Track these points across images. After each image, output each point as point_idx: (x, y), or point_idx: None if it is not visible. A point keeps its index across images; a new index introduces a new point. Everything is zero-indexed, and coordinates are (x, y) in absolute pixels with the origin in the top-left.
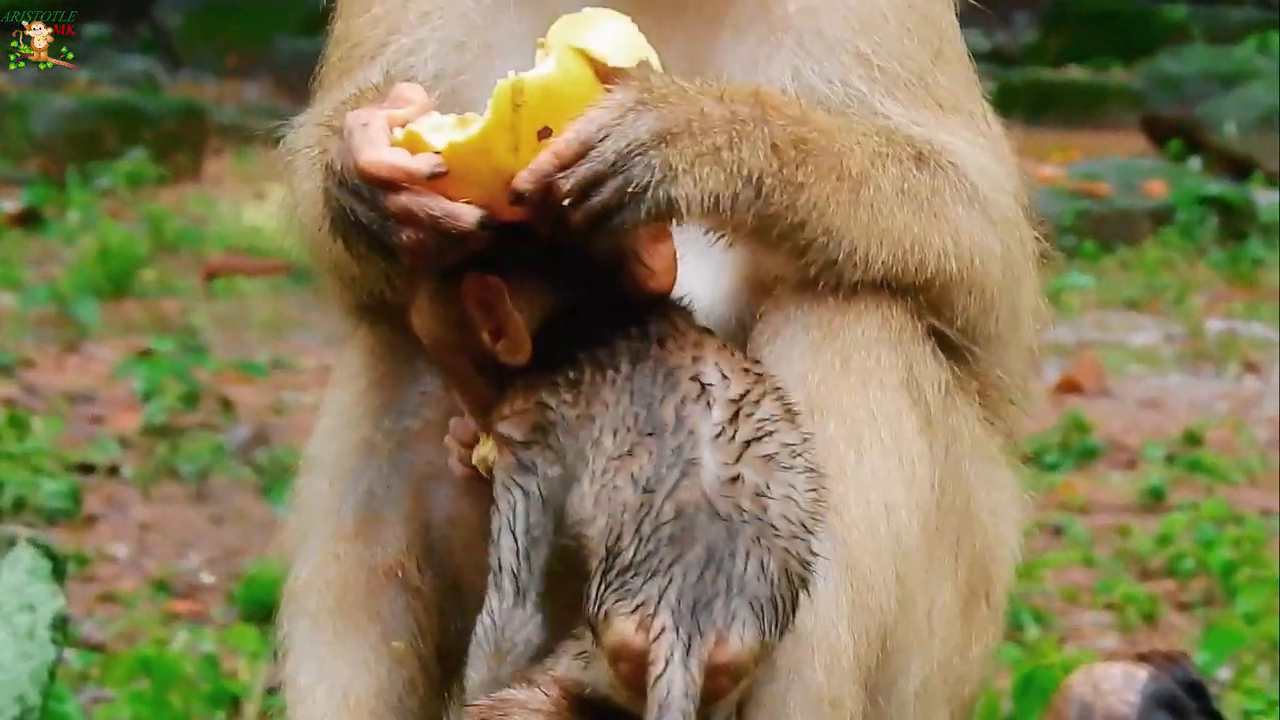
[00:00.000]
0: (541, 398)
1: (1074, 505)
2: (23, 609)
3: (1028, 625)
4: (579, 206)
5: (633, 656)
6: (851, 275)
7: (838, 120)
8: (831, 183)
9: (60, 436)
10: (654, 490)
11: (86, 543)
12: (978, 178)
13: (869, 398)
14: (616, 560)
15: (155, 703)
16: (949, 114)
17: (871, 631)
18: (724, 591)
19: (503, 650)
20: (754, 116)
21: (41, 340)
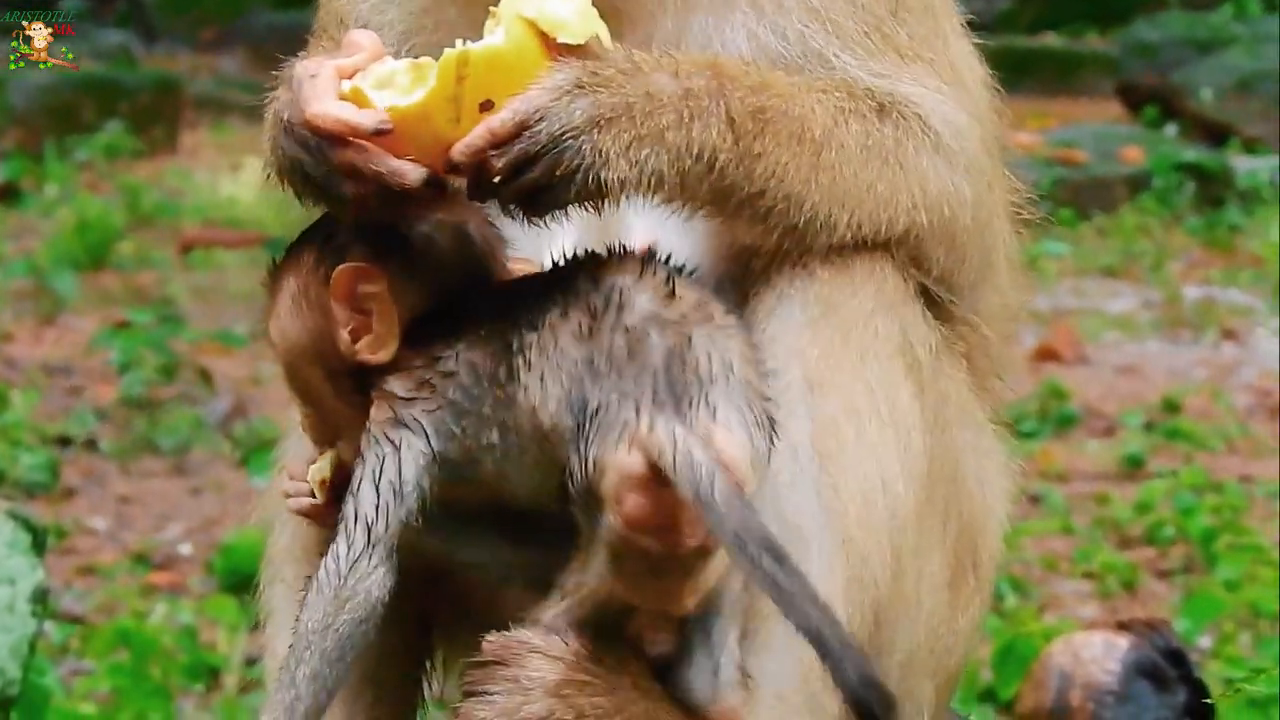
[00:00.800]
0: (434, 353)
1: (1052, 473)
2: (2, 582)
3: (1007, 594)
4: (509, 184)
5: (637, 478)
6: (818, 239)
7: (798, 81)
8: (791, 149)
9: (38, 409)
10: (597, 332)
11: (65, 515)
12: (941, 126)
13: (867, 371)
14: (586, 413)
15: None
16: (910, 63)
17: (865, 604)
18: (696, 383)
19: (341, 598)
20: (710, 90)
21: (19, 313)
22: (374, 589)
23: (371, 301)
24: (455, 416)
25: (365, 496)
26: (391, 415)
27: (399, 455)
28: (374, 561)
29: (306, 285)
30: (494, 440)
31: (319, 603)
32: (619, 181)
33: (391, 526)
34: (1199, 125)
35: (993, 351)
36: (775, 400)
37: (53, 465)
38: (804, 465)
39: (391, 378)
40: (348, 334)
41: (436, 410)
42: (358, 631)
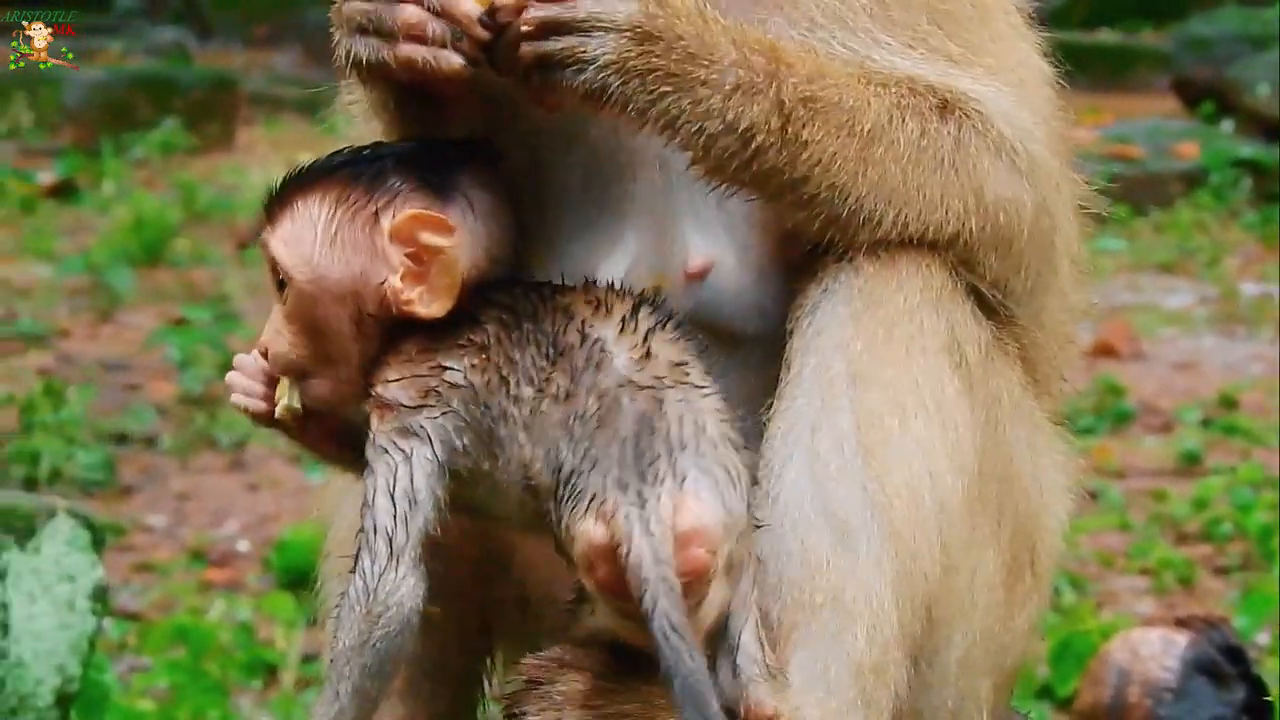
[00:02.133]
0: (440, 362)
1: (1109, 469)
2: (62, 579)
3: (1064, 591)
4: (532, 42)
5: (602, 553)
6: (861, 233)
7: (855, 72)
8: (841, 140)
9: (95, 406)
10: (574, 394)
11: (123, 513)
12: (1005, 127)
13: (912, 365)
14: (561, 476)
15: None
16: (973, 63)
17: (915, 600)
18: (664, 452)
19: (374, 614)
20: (767, 70)
21: (76, 310)
22: (406, 600)
23: (434, 254)
24: (458, 430)
25: (381, 507)
26: (398, 424)
27: (410, 463)
28: (401, 572)
29: (352, 220)
30: (486, 468)
31: (352, 620)
32: (623, 98)
33: (413, 536)
34: (1254, 121)
35: (1055, 353)
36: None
37: (110, 463)
38: (849, 458)
39: (394, 385)
40: (398, 281)
41: (441, 418)
42: (394, 644)
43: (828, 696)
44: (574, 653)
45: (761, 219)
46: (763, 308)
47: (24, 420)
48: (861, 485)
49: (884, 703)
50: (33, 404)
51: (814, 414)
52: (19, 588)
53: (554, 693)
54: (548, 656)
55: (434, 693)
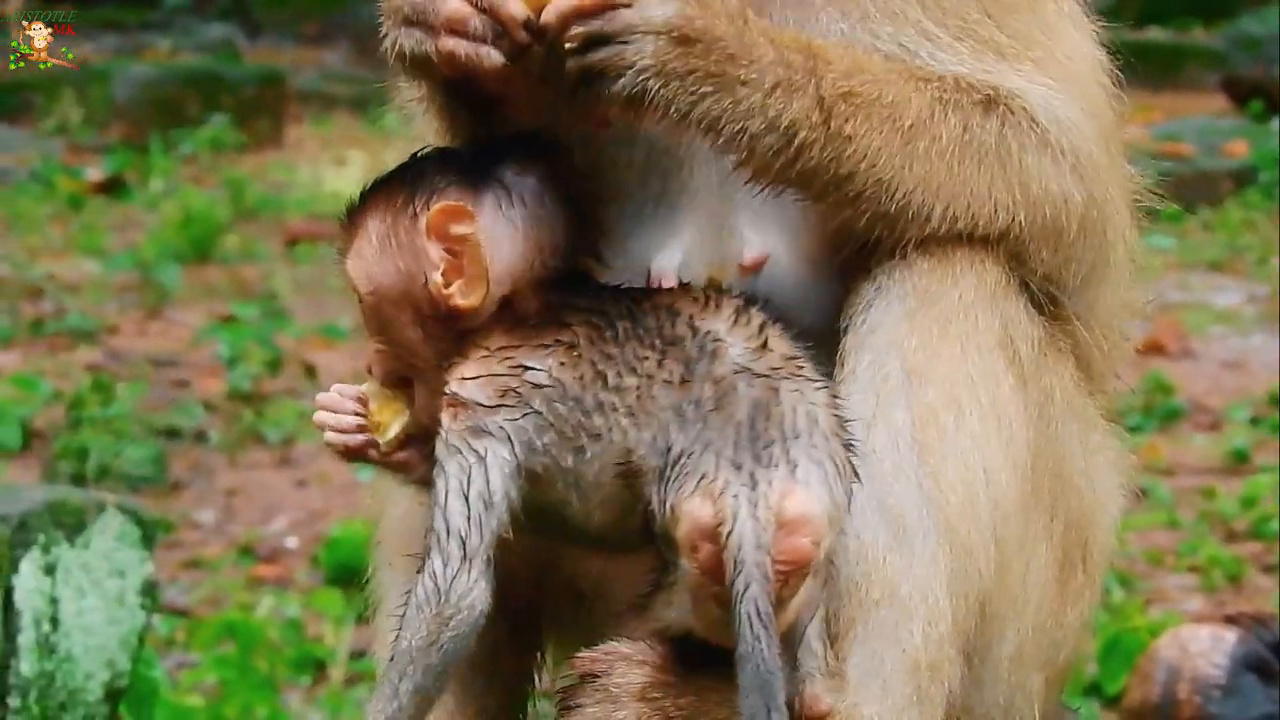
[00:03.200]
0: (521, 361)
1: (1158, 467)
2: (112, 574)
3: (1112, 588)
4: (575, 57)
5: (707, 533)
6: (910, 228)
7: (897, 67)
8: (884, 134)
9: (144, 402)
10: (689, 381)
11: (172, 508)
12: (1050, 123)
13: (967, 362)
14: (669, 458)
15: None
16: (1021, 56)
17: (970, 597)
18: (779, 438)
19: (445, 616)
20: (805, 67)
21: (124, 306)
22: (477, 604)
23: (464, 243)
24: (539, 430)
25: (455, 509)
26: (473, 424)
27: (485, 465)
28: (474, 576)
29: (395, 224)
30: (569, 464)
31: (420, 621)
32: (664, 101)
33: (486, 538)
34: None
35: (1108, 349)
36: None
37: (159, 458)
38: (904, 455)
39: (471, 383)
40: (440, 277)
41: (521, 420)
42: (461, 646)
43: (884, 693)
44: (631, 646)
45: (817, 214)
46: (817, 302)
47: (73, 416)
48: (917, 482)
49: (938, 699)
50: (82, 400)
51: (869, 411)
52: (68, 583)
53: (610, 685)
54: (604, 650)
55: (485, 688)
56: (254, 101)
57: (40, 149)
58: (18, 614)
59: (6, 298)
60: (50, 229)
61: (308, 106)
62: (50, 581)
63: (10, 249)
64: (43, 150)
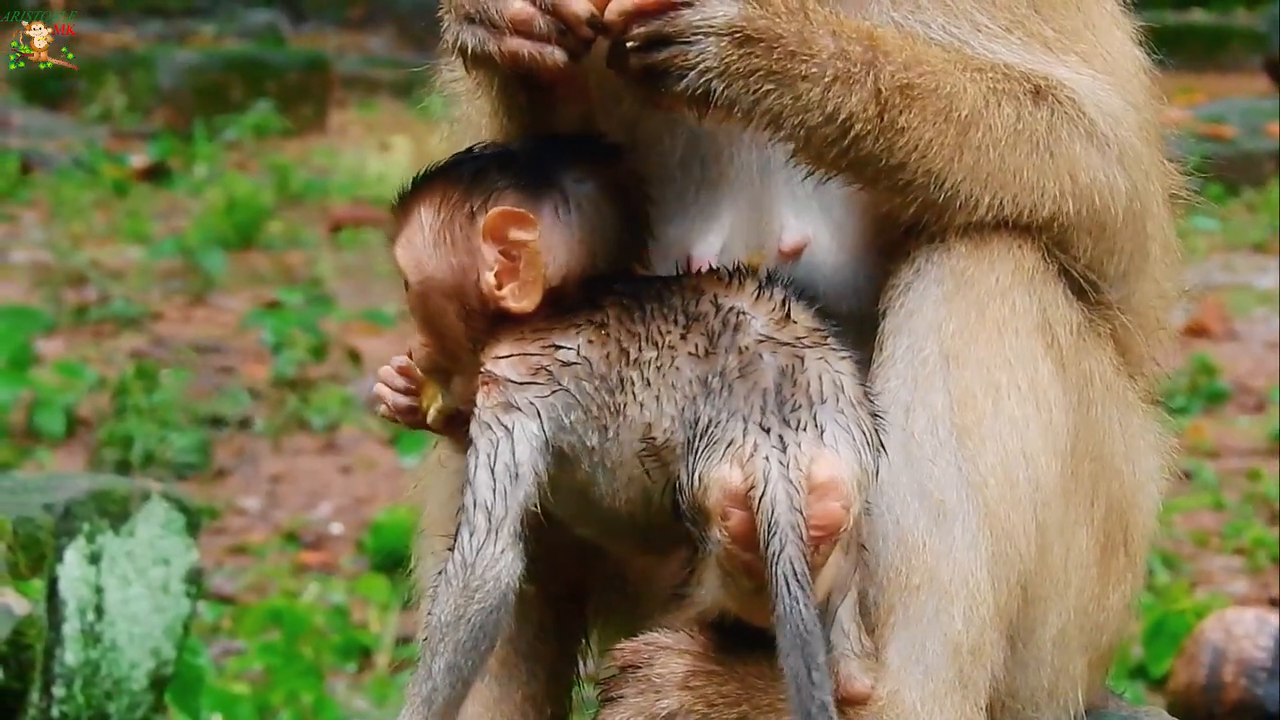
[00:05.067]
0: (553, 341)
1: (1202, 449)
2: (157, 562)
3: (1157, 570)
4: (638, 55)
5: (738, 498)
6: (956, 216)
7: (952, 57)
8: (937, 126)
9: (189, 389)
10: (713, 353)
11: (216, 495)
12: (1096, 113)
13: (1005, 345)
14: (697, 429)
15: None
16: (1067, 49)
17: (1011, 580)
18: (806, 403)
19: (471, 588)
20: (864, 59)
21: (168, 292)
22: (503, 575)
23: (522, 248)
24: (567, 407)
25: (482, 482)
26: (504, 400)
27: (512, 438)
28: (500, 546)
29: (452, 220)
30: (594, 444)
31: (449, 594)
32: (728, 101)
33: (512, 510)
34: None
35: (1146, 336)
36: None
37: (203, 446)
38: (943, 438)
39: (504, 362)
40: (493, 277)
41: (550, 396)
42: (490, 620)
43: (926, 678)
44: (672, 636)
45: (857, 199)
46: (856, 287)
47: (117, 403)
48: (956, 465)
49: (981, 683)
50: (126, 387)
51: (907, 395)
52: (113, 571)
53: (652, 675)
54: (645, 640)
55: (530, 674)
56: (298, 87)
57: (84, 135)
58: (62, 603)
59: (50, 285)
60: (94, 215)
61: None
62: (95, 570)
63: (54, 236)
64: (86, 137)
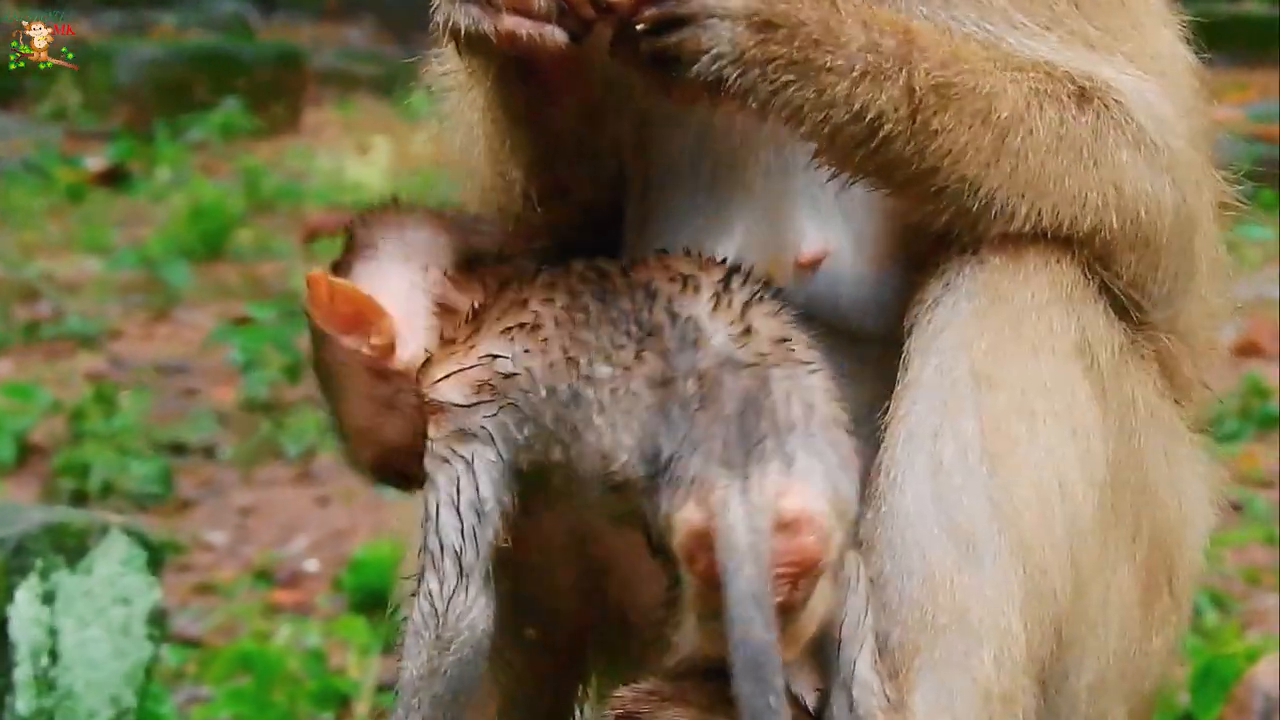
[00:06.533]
0: (487, 350)
1: (1254, 478)
2: (117, 602)
3: (1206, 610)
4: (647, 39)
5: (702, 539)
6: (992, 226)
7: (993, 54)
8: (974, 129)
9: (151, 413)
10: (672, 379)
11: (181, 529)
12: (1145, 119)
13: (1040, 366)
14: (659, 464)
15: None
16: (1112, 49)
17: (1046, 621)
18: (771, 432)
19: (444, 640)
20: (898, 54)
21: (129, 307)
22: (478, 623)
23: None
24: (518, 422)
25: (447, 523)
26: (455, 428)
27: (472, 470)
28: (472, 594)
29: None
30: (556, 458)
31: (420, 647)
32: (743, 89)
33: (481, 551)
34: None
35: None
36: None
37: (166, 475)
38: (974, 467)
39: (444, 385)
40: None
41: (498, 414)
42: (468, 672)
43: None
44: (672, 686)
45: (883, 206)
46: (881, 302)
47: (73, 429)
48: (988, 496)
49: None
50: (82, 411)
51: (936, 419)
52: (69, 611)
53: None
54: (644, 689)
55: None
56: (269, 83)
57: (36, 136)
58: (13, 646)
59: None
60: (47, 224)
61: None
62: (49, 611)
63: (4, 246)
64: (38, 138)
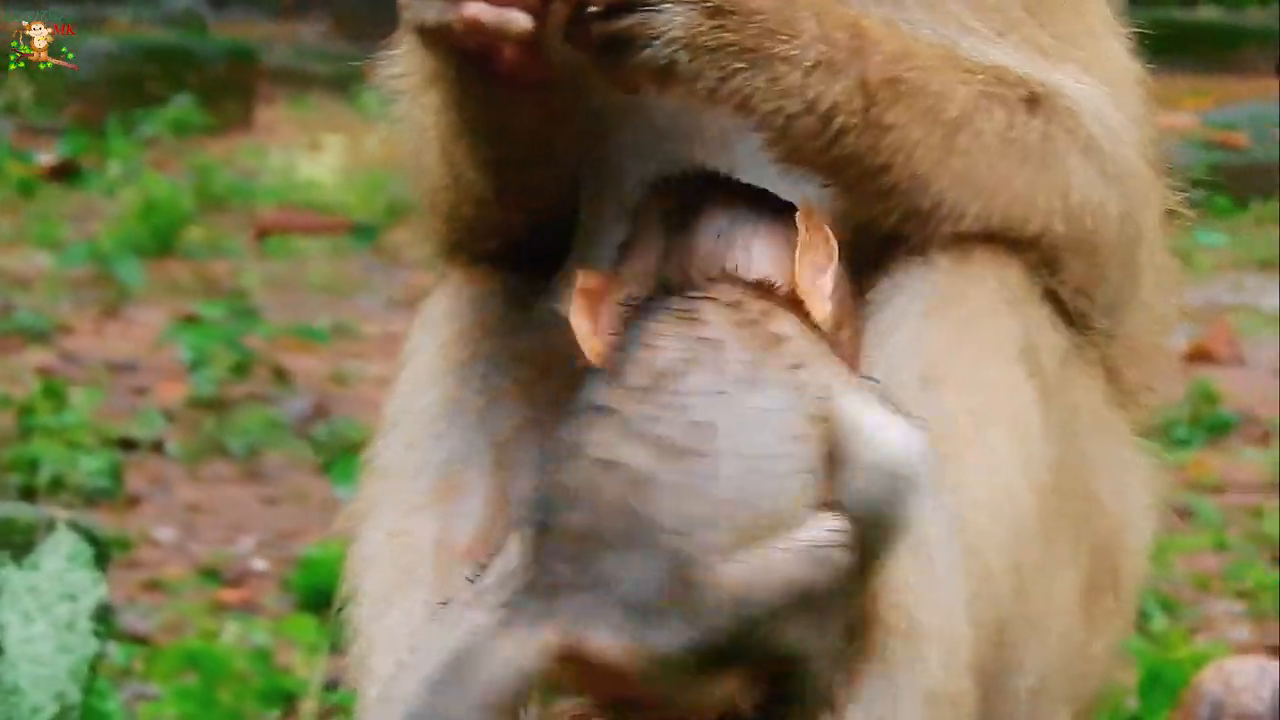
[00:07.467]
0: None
1: (1204, 484)
2: (62, 598)
3: (1154, 615)
4: (599, 22)
5: None
6: (941, 226)
7: (944, 54)
8: (925, 126)
9: (100, 409)
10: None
11: (129, 525)
12: (1095, 127)
13: (987, 369)
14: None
15: (204, 699)
16: (1065, 57)
17: (989, 624)
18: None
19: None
20: (850, 47)
21: (79, 304)
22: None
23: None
24: None
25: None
26: None
27: None
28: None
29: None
30: None
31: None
32: (691, 75)
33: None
34: None
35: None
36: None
37: (115, 470)
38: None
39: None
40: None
41: None
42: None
43: None
44: None
45: (833, 206)
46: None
47: (22, 424)
48: (938, 498)
49: None
50: (32, 406)
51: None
52: (15, 607)
53: None
54: None
55: None
56: (222, 80)
57: None
58: None
59: None
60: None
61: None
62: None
63: None
64: None
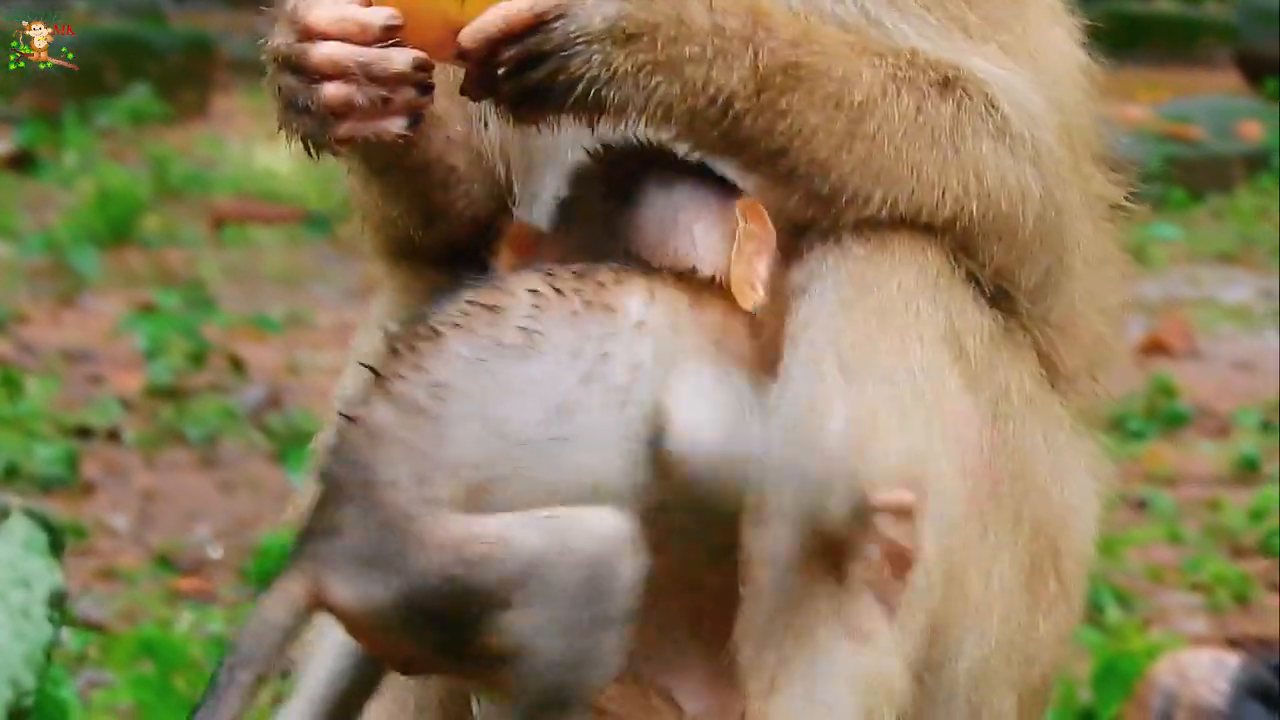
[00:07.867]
0: None
1: (1160, 476)
2: (17, 585)
3: (1109, 607)
4: (511, 79)
5: None
6: (846, 213)
7: (853, 40)
8: (826, 112)
9: (56, 398)
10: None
11: (84, 513)
12: (1010, 110)
13: (908, 356)
14: None
15: (159, 687)
16: (988, 38)
17: (918, 610)
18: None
19: None
20: (742, 33)
21: (36, 293)
22: None
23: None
24: None
25: None
26: None
27: None
28: None
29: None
30: None
31: None
32: (620, 103)
33: None
34: None
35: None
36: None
37: (71, 458)
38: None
39: None
40: None
41: None
42: None
43: (828, 715)
44: None
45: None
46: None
47: None
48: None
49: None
50: None
51: (804, 415)
52: None
53: None
54: None
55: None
56: (179, 69)
57: None
58: None
59: None
60: None
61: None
62: None
63: None
64: None
